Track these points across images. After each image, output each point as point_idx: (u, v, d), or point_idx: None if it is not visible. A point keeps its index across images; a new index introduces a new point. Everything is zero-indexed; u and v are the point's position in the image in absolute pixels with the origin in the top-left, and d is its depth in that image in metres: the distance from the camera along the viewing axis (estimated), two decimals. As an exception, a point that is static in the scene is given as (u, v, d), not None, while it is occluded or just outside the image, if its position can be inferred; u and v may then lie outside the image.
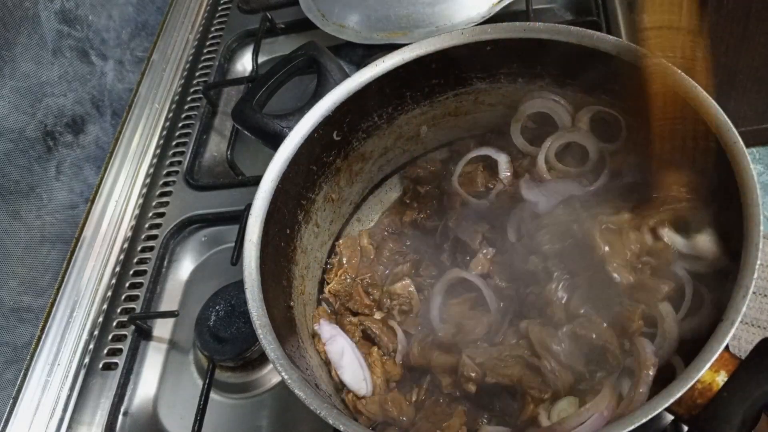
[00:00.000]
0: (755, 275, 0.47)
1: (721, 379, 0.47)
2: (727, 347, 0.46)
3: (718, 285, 0.55)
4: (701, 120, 0.56)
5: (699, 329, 0.54)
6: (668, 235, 0.60)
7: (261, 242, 0.61)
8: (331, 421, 0.49)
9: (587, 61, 0.65)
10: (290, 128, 0.68)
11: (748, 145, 0.54)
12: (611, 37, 0.63)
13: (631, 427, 0.44)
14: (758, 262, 0.48)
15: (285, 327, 0.62)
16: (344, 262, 0.76)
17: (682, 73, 0.58)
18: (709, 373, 0.46)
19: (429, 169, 0.81)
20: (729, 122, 0.55)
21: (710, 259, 0.57)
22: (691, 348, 0.53)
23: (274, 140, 0.70)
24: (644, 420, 0.44)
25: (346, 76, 0.72)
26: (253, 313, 0.56)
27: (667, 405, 0.44)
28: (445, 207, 0.78)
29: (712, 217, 0.58)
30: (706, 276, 0.58)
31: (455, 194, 0.76)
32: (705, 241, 0.58)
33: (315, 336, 0.70)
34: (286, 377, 0.52)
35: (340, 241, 0.79)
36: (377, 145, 0.78)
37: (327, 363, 0.69)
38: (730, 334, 0.45)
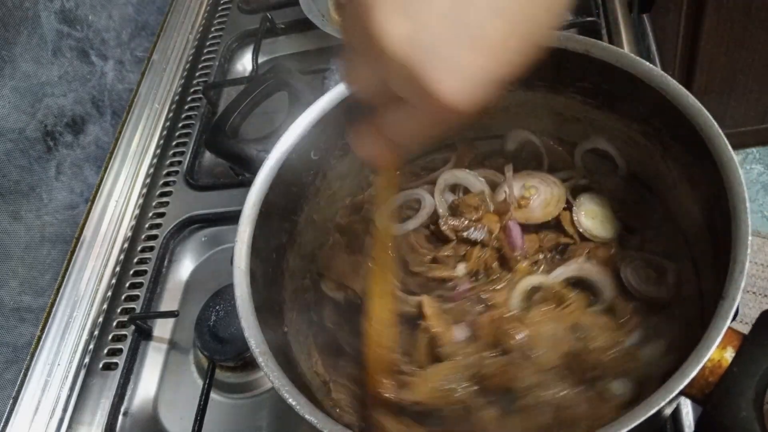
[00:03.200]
0: (749, 250, 0.48)
1: (729, 355, 0.48)
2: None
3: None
4: (669, 103, 0.57)
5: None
6: None
7: (249, 269, 0.60)
8: None
9: (556, 61, 0.65)
10: (267, 151, 0.67)
11: (748, 146, 0.54)
12: (578, 36, 0.64)
13: (651, 412, 0.44)
14: (749, 236, 0.48)
15: (283, 352, 0.61)
16: None
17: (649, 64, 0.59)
18: (716, 350, 0.46)
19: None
20: (702, 108, 0.56)
21: None
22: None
23: (251, 165, 0.69)
24: (662, 403, 0.44)
25: (318, 95, 0.71)
26: (251, 341, 0.55)
27: (682, 387, 0.44)
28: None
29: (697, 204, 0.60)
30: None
31: None
32: None
33: None
34: (294, 403, 0.51)
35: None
36: (355, 162, 0.77)
37: (325, 383, 0.69)
38: (733, 310, 0.46)
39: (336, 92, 0.70)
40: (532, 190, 0.74)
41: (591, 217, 0.71)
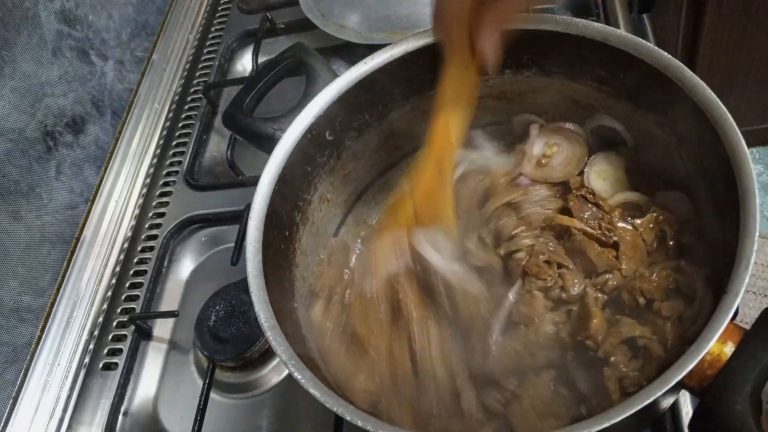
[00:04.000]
0: (755, 247, 0.48)
1: (729, 349, 0.48)
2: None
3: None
4: (685, 95, 0.57)
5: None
6: None
7: (262, 245, 0.61)
8: (348, 417, 0.49)
9: (574, 48, 0.66)
10: (283, 130, 0.68)
11: (748, 145, 0.54)
12: (598, 24, 0.64)
13: (649, 400, 0.44)
14: (757, 232, 0.48)
15: (292, 328, 0.61)
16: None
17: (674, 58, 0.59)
18: (716, 344, 0.47)
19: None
20: (715, 97, 0.56)
21: None
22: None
23: (268, 143, 0.70)
24: (659, 393, 0.44)
25: (335, 75, 0.72)
26: (260, 315, 0.56)
27: (680, 377, 0.45)
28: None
29: (706, 194, 0.60)
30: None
31: None
32: None
33: None
34: (299, 377, 0.51)
35: (333, 241, 0.78)
36: (369, 143, 0.78)
37: None
38: (735, 305, 0.46)
39: (353, 73, 0.70)
40: (555, 147, 0.73)
41: (602, 178, 0.70)
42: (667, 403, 0.63)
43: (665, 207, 0.66)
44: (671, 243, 0.64)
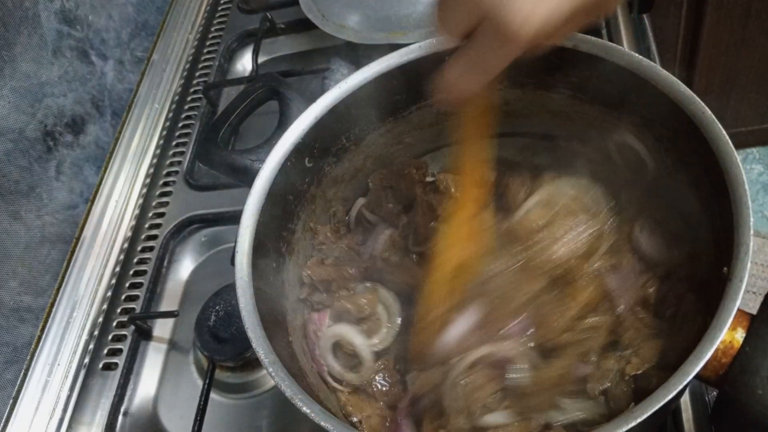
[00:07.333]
0: (751, 232, 0.48)
1: (740, 335, 0.49)
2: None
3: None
4: (663, 96, 0.58)
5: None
6: None
7: (252, 279, 0.60)
8: None
9: (545, 57, 0.66)
10: (261, 161, 0.68)
11: (748, 145, 0.55)
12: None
13: (670, 396, 0.44)
14: (751, 218, 0.49)
15: (290, 362, 0.61)
16: None
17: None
18: (727, 332, 0.47)
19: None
20: (694, 95, 0.56)
21: None
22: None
23: (245, 175, 0.69)
24: (680, 387, 0.44)
25: (309, 102, 0.71)
26: (260, 351, 0.55)
27: (698, 369, 0.45)
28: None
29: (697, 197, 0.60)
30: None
31: None
32: None
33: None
34: (308, 411, 0.51)
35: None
36: (348, 167, 0.78)
37: (333, 391, 0.69)
38: (742, 291, 0.47)
39: (327, 98, 0.70)
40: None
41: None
42: (677, 402, 0.63)
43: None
44: None
